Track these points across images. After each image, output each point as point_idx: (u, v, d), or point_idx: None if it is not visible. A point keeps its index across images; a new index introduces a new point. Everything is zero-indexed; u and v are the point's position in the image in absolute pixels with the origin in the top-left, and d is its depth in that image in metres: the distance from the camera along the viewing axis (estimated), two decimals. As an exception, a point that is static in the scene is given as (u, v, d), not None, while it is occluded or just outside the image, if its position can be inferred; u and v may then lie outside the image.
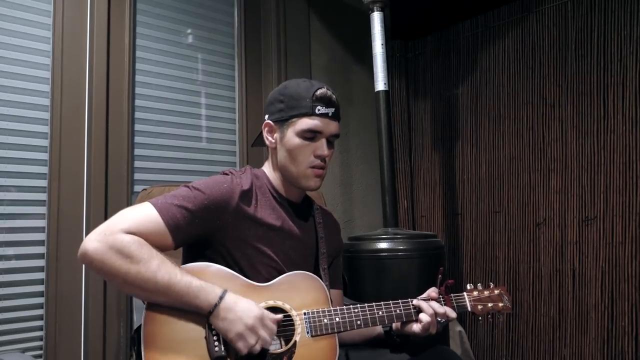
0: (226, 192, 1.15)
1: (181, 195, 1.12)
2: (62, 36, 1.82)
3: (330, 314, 1.15)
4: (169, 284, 1.02)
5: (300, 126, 1.19)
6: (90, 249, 1.01)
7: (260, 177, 1.26)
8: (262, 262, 1.17)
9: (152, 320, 1.05)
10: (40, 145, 1.78)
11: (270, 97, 1.28)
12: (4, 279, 1.69)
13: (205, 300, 1.03)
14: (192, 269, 1.10)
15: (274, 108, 1.24)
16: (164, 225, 1.07)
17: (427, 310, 1.18)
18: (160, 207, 1.09)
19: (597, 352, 2.20)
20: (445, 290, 1.25)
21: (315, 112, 1.18)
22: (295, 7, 2.53)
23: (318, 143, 1.20)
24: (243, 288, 1.11)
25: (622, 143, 2.18)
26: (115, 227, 1.04)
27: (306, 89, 1.20)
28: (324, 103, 1.19)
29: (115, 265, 1.01)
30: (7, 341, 1.68)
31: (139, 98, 2.03)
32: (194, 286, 1.03)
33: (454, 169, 2.77)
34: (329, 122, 1.21)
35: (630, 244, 2.14)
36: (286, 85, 1.25)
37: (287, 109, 1.20)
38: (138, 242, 1.03)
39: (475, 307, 1.26)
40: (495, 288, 1.30)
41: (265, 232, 1.19)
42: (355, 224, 2.69)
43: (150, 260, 1.02)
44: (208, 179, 1.18)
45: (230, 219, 1.14)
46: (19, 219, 1.73)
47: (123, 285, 1.04)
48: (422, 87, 2.97)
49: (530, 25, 2.49)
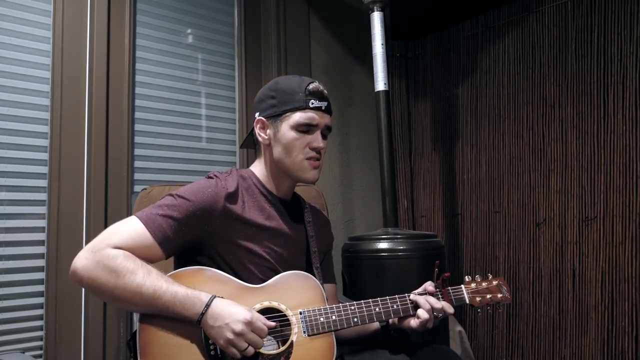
0: (211, 196, 1.14)
1: (166, 204, 1.11)
2: (62, 36, 1.82)
3: (326, 312, 1.14)
4: (155, 296, 1.01)
5: (295, 119, 1.20)
6: (79, 267, 1.02)
7: (247, 178, 1.25)
8: (254, 263, 1.17)
9: (147, 328, 1.04)
10: (40, 145, 1.78)
11: (261, 95, 1.28)
12: (4, 279, 1.69)
13: (192, 309, 1.02)
14: (185, 274, 1.09)
15: (265, 105, 1.25)
16: (151, 237, 1.07)
17: (424, 306, 1.18)
18: (146, 219, 1.08)
19: (597, 352, 2.20)
20: (442, 283, 1.24)
21: (309, 106, 1.20)
22: (295, 7, 2.53)
23: (313, 136, 1.22)
24: (237, 290, 1.11)
25: (622, 143, 2.18)
26: (102, 244, 1.04)
27: (298, 83, 1.22)
28: (317, 97, 1.21)
29: (103, 281, 1.01)
30: (7, 341, 1.67)
31: (139, 98, 2.03)
32: (180, 296, 1.02)
33: (454, 169, 2.77)
34: (322, 115, 1.23)
35: (630, 244, 2.14)
36: (277, 82, 1.26)
37: (280, 104, 1.22)
38: (124, 255, 1.03)
39: (474, 299, 1.25)
40: (493, 279, 1.28)
41: (255, 232, 1.18)
42: (355, 224, 2.69)
43: (135, 272, 1.02)
44: (192, 184, 1.18)
45: (218, 223, 1.14)
46: (19, 219, 1.73)
47: (112, 300, 1.04)
48: (422, 87, 2.97)
49: (531, 25, 2.49)
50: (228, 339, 1.01)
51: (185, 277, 1.08)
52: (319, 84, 1.24)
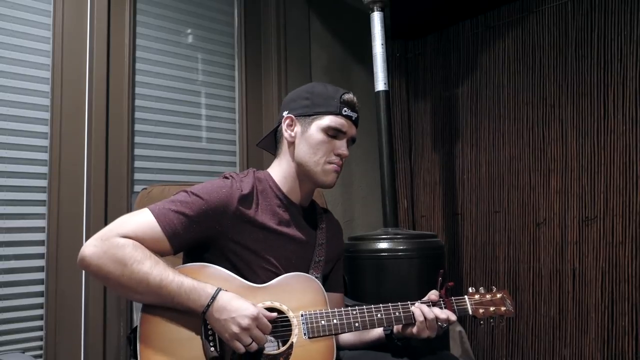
0: (224, 197, 1.14)
1: (179, 200, 1.12)
2: (62, 36, 1.82)
3: (327, 315, 1.14)
4: (161, 285, 1.02)
5: (326, 122, 1.22)
6: (87, 255, 1.03)
7: (263, 180, 1.25)
8: (261, 267, 1.17)
9: (148, 320, 1.05)
10: (40, 145, 1.78)
11: (293, 95, 1.30)
12: (4, 279, 1.69)
13: (198, 300, 1.03)
14: (189, 270, 1.10)
15: (297, 104, 1.26)
16: (161, 231, 1.08)
17: (428, 315, 1.17)
18: (158, 213, 1.09)
19: (597, 352, 2.20)
20: (446, 293, 1.24)
21: (342, 113, 1.23)
22: (295, 7, 2.53)
23: (340, 142, 1.24)
24: (240, 289, 1.11)
25: (622, 143, 2.18)
26: (112, 233, 1.05)
27: (334, 90, 1.25)
28: (350, 107, 1.25)
29: (110, 269, 1.01)
30: (7, 341, 1.67)
31: (139, 98, 2.03)
32: (186, 286, 1.03)
33: (454, 169, 2.77)
34: (351, 125, 1.26)
35: (630, 244, 2.14)
36: (313, 85, 1.29)
37: (313, 105, 1.24)
38: (132, 245, 1.04)
39: (477, 310, 1.24)
40: (497, 292, 1.27)
41: (265, 236, 1.18)
42: (355, 224, 2.69)
43: (143, 261, 1.02)
44: (207, 182, 1.18)
45: (229, 224, 1.14)
46: (19, 219, 1.73)
47: (118, 288, 1.05)
48: (422, 87, 2.97)
49: (531, 25, 2.49)
50: (234, 333, 1.02)
51: (189, 273, 1.08)
52: (354, 97, 1.26)
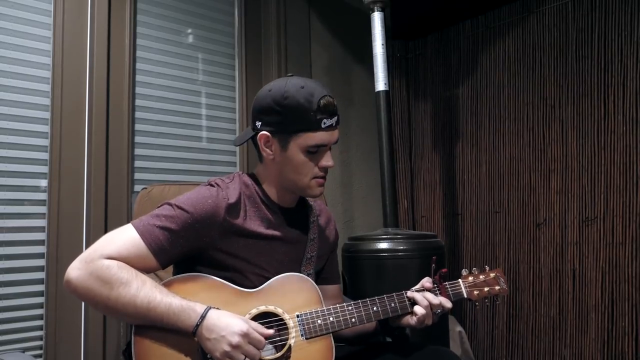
0: (211, 208, 1.11)
1: (164, 215, 1.09)
2: (62, 36, 1.82)
3: (323, 314, 1.13)
4: (149, 308, 1.00)
5: (305, 142, 1.12)
6: (73, 278, 1.01)
7: (250, 186, 1.21)
8: (254, 273, 1.15)
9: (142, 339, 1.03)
10: (40, 145, 1.78)
11: (263, 103, 1.15)
12: (4, 279, 1.69)
13: (187, 320, 1.01)
14: (180, 281, 1.08)
15: (270, 118, 1.14)
16: (147, 248, 1.05)
17: (422, 302, 1.17)
18: (143, 230, 1.06)
19: (597, 353, 2.20)
20: (440, 279, 1.24)
21: (321, 127, 1.12)
22: (296, 7, 2.53)
23: (322, 155, 1.16)
24: (233, 296, 1.09)
25: (623, 143, 2.18)
26: (96, 254, 1.02)
27: (307, 99, 1.10)
28: (328, 114, 1.12)
29: (96, 293, 1.00)
30: (7, 341, 1.67)
31: (139, 98, 2.03)
32: (174, 307, 1.01)
33: (454, 169, 2.77)
34: (332, 133, 1.15)
35: (630, 244, 2.14)
36: (284, 93, 1.11)
37: (289, 123, 1.12)
38: (117, 266, 1.01)
39: (472, 292, 1.24)
40: (490, 271, 1.27)
41: (255, 243, 1.16)
42: (355, 224, 2.69)
43: (129, 283, 1.00)
44: (192, 193, 1.14)
45: (217, 235, 1.12)
46: (19, 218, 1.73)
47: (106, 311, 1.04)
48: (422, 87, 2.97)
49: (531, 26, 2.49)
50: (224, 352, 0.99)
51: (181, 284, 1.07)
52: (329, 96, 1.13)
